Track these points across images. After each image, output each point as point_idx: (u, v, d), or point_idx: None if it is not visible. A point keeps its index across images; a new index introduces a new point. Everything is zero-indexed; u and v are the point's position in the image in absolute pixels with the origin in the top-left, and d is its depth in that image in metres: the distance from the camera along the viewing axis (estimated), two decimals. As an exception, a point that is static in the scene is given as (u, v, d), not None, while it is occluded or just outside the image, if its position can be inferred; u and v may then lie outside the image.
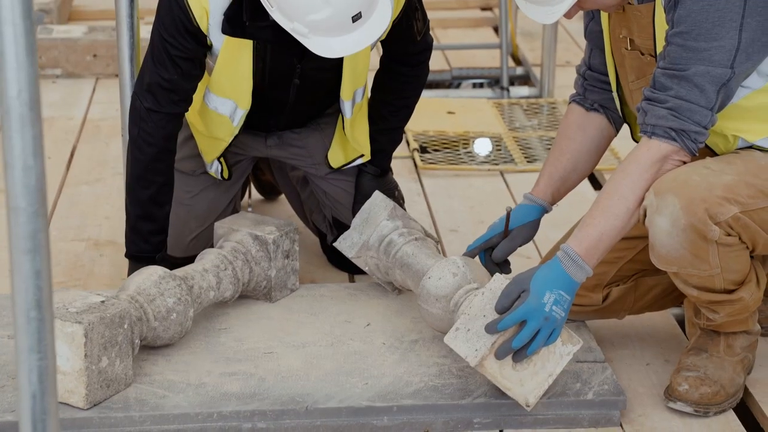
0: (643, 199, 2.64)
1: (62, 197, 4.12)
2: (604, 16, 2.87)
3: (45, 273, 1.72)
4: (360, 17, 2.86)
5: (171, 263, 3.09)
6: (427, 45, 3.33)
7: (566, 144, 3.03)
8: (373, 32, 2.91)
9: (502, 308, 2.67)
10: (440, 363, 2.89)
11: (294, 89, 3.21)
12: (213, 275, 3.02)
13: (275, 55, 3.11)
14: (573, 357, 2.75)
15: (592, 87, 3.03)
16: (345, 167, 3.43)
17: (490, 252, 3.01)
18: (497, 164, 4.47)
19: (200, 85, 3.14)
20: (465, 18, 6.72)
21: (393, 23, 3.10)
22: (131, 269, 3.15)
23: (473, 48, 6.03)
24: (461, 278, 2.88)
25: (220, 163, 3.37)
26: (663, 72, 2.62)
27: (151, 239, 3.13)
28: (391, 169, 3.55)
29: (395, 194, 3.50)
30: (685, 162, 2.66)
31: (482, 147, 4.68)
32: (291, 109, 3.31)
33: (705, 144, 2.69)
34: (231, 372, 2.85)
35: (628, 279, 3.02)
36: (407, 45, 3.28)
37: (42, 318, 1.75)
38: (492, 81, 5.72)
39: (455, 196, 4.17)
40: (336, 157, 3.41)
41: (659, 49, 2.69)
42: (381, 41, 3.23)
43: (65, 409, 2.68)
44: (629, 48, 2.81)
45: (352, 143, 3.37)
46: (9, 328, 3.03)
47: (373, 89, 3.41)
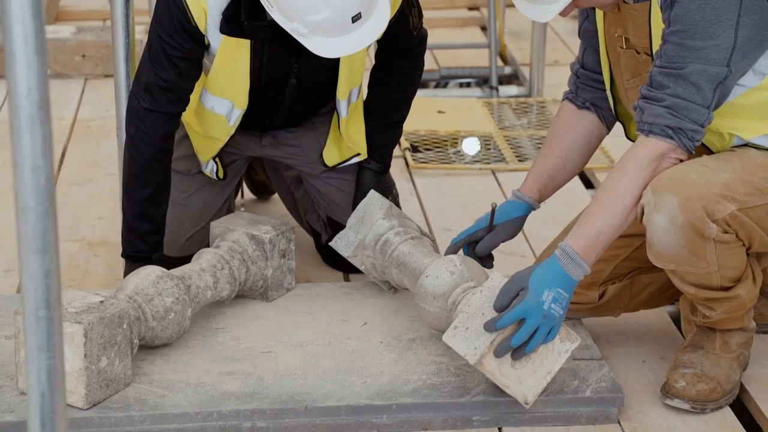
0: (641, 197, 2.65)
1: (54, 198, 4.11)
2: (599, 15, 2.88)
3: (54, 272, 1.72)
4: (359, 18, 2.87)
5: (167, 263, 3.09)
6: (422, 38, 3.35)
7: (556, 142, 3.05)
8: (373, 32, 2.92)
9: (501, 306, 2.68)
10: (438, 361, 2.90)
11: (290, 88, 3.22)
12: (210, 275, 3.03)
13: (273, 55, 3.11)
14: (571, 354, 2.76)
15: (584, 85, 3.04)
16: (340, 166, 3.43)
17: (474, 246, 3.02)
18: (489, 163, 4.48)
19: (197, 85, 3.14)
20: (452, 18, 6.73)
21: (390, 21, 3.11)
22: (127, 269, 3.15)
23: (462, 47, 6.05)
24: (458, 277, 2.89)
25: (216, 163, 3.37)
26: (660, 70, 2.64)
27: (148, 239, 3.13)
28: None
29: (393, 192, 3.51)
30: (682, 160, 2.68)
31: (470, 146, 4.69)
32: (287, 109, 3.31)
33: (701, 142, 2.71)
34: (230, 371, 2.85)
35: (624, 277, 3.04)
36: (404, 40, 3.29)
37: (51, 317, 1.75)
38: (480, 80, 5.73)
39: (447, 195, 4.18)
40: (331, 156, 3.41)
41: (655, 48, 2.71)
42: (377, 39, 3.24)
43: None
44: (624, 47, 2.82)
45: (348, 142, 3.38)
46: (7, 329, 3.02)
47: (370, 85, 3.42)
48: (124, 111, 3.17)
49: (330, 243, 3.26)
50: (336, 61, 3.15)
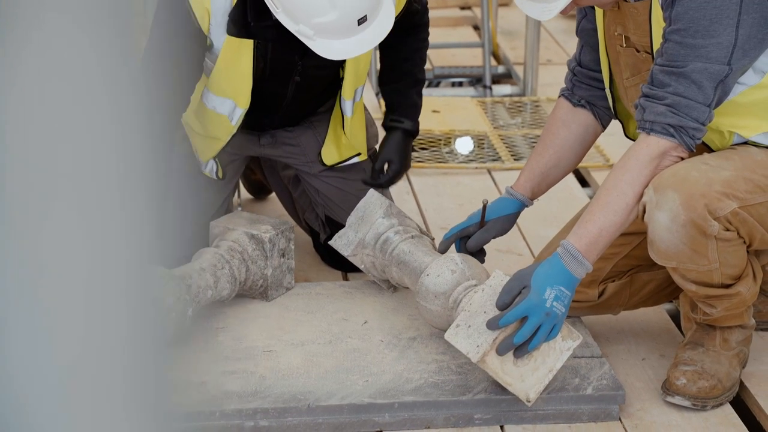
0: (642, 195, 2.66)
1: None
2: (599, 13, 2.89)
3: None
4: (365, 20, 2.88)
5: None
6: (424, 7, 3.36)
7: (550, 139, 3.06)
8: (378, 34, 2.92)
9: (503, 304, 2.69)
10: (439, 360, 2.91)
11: (293, 87, 3.22)
12: (210, 274, 3.03)
13: (276, 53, 3.12)
14: (572, 352, 2.77)
15: (581, 83, 3.05)
16: (339, 165, 3.44)
17: (465, 241, 3.04)
18: (484, 162, 4.49)
19: (197, 86, 3.14)
20: (444, 17, 6.74)
21: (397, 18, 3.12)
22: (128, 268, 3.14)
23: (455, 47, 6.05)
24: (459, 275, 2.90)
25: (216, 163, 3.37)
26: (661, 69, 2.65)
27: (150, 239, 3.13)
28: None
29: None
30: (683, 158, 2.69)
31: (464, 146, 4.70)
32: (287, 107, 3.31)
33: (701, 140, 2.72)
34: (231, 371, 2.85)
35: (624, 275, 3.05)
36: (411, 19, 3.32)
37: (61, 317, 1.75)
38: (473, 80, 5.74)
39: (444, 194, 4.19)
40: (330, 155, 3.42)
41: (655, 46, 2.72)
42: None
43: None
44: (624, 45, 2.83)
45: (352, 141, 3.39)
46: (6, 329, 3.02)
47: (384, 58, 3.43)
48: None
49: (329, 242, 3.27)
50: (341, 60, 3.16)
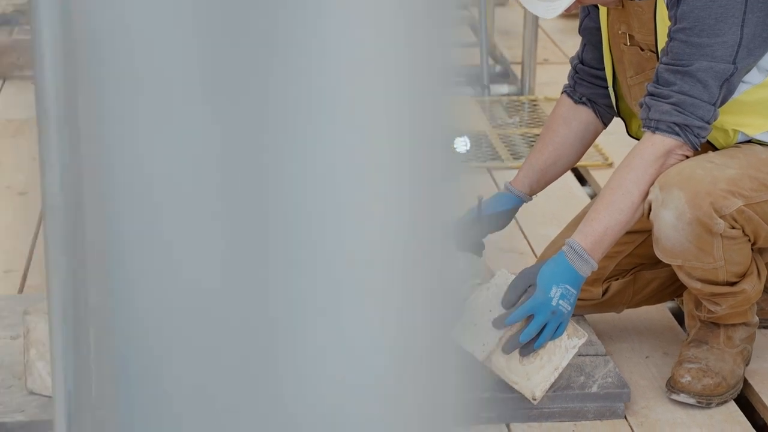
0: (648, 194, 2.68)
1: (51, 198, 4.11)
2: (603, 12, 2.90)
3: (80, 272, 1.73)
4: None
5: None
6: None
7: (550, 136, 3.07)
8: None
9: (509, 303, 2.70)
10: (444, 358, 2.92)
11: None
12: (215, 274, 3.03)
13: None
14: (578, 350, 2.78)
15: (582, 81, 3.07)
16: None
17: (462, 236, 3.05)
18: (484, 161, 4.50)
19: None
20: (440, 16, 6.74)
21: None
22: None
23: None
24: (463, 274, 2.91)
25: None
26: (666, 68, 2.66)
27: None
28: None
29: None
30: (688, 156, 2.71)
31: (460, 144, 4.70)
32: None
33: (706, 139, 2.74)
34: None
35: (627, 273, 3.06)
36: None
37: (78, 317, 1.76)
38: (470, 79, 5.75)
39: (444, 194, 4.19)
40: None
41: (660, 45, 2.73)
42: None
43: (75, 409, 2.68)
44: (628, 44, 2.84)
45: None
46: (11, 329, 3.02)
47: None
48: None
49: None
50: None
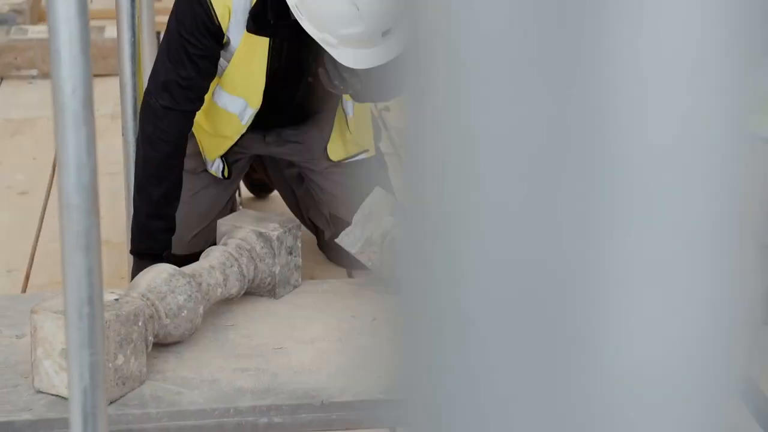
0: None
1: (51, 198, 4.12)
2: None
3: (97, 269, 1.74)
4: (390, 32, 2.93)
5: (173, 261, 3.10)
6: None
7: None
8: (400, 44, 2.95)
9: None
10: (449, 356, 2.93)
11: (304, 87, 3.24)
12: (220, 272, 3.04)
13: (291, 53, 3.14)
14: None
15: None
16: (345, 161, 3.46)
17: None
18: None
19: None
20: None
21: None
22: (136, 267, 3.15)
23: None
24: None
25: (222, 162, 3.38)
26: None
27: (160, 237, 3.14)
28: (387, 166, 3.59)
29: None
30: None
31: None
32: (295, 106, 3.33)
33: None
34: (243, 368, 2.86)
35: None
36: None
37: (93, 314, 1.77)
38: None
39: (444, 192, 4.20)
40: (336, 151, 3.44)
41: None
42: None
43: (82, 407, 2.69)
44: None
45: (357, 138, 3.41)
46: (16, 329, 3.03)
47: None
48: (130, 110, 3.18)
49: (336, 240, 3.28)
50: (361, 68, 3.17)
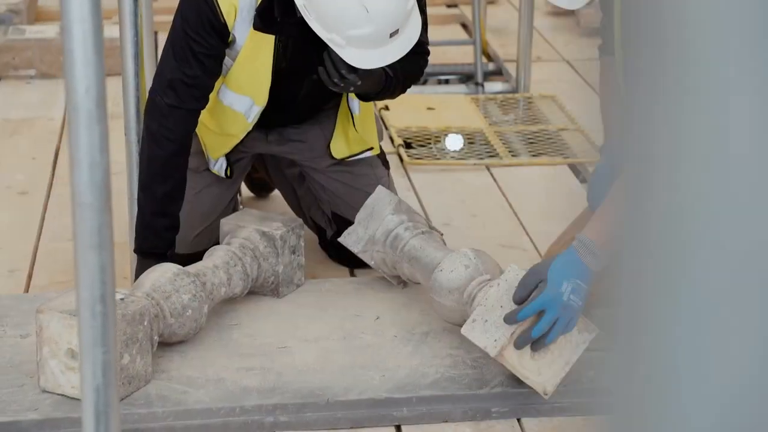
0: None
1: (52, 198, 4.11)
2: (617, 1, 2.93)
3: (109, 268, 1.74)
4: (397, 33, 2.94)
5: (176, 260, 3.10)
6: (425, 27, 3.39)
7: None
8: (406, 45, 3.00)
9: (521, 299, 2.71)
10: (453, 354, 2.93)
11: (309, 85, 3.24)
12: (224, 271, 3.04)
13: (296, 51, 3.14)
14: (587, 345, 2.79)
15: None
16: (350, 159, 3.46)
17: None
18: (482, 159, 4.51)
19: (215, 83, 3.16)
20: (432, 15, 6.72)
21: None
22: (140, 265, 3.15)
23: (445, 44, 6.07)
24: (473, 270, 2.92)
25: (225, 161, 3.38)
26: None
27: (165, 235, 3.14)
28: (389, 165, 3.59)
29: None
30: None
31: (454, 143, 4.71)
32: (299, 105, 3.33)
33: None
34: (248, 367, 2.87)
35: (634, 268, 3.08)
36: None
37: (106, 312, 1.77)
38: (462, 77, 5.76)
39: (445, 191, 4.21)
40: (339, 149, 3.44)
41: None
42: None
43: (88, 407, 2.69)
44: None
45: (363, 136, 3.41)
46: (20, 328, 3.03)
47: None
48: (133, 109, 3.18)
49: (339, 239, 3.28)
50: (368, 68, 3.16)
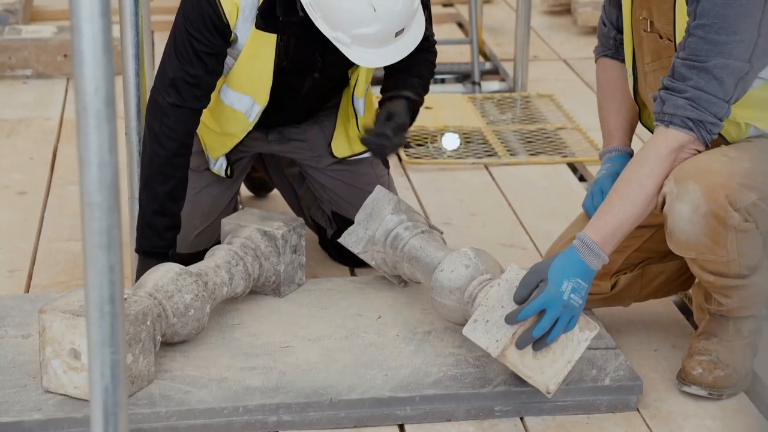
0: (662, 187, 2.70)
1: (51, 198, 4.11)
2: None
3: (118, 268, 1.74)
4: (402, 32, 2.95)
5: (177, 259, 3.10)
6: (432, 40, 3.39)
7: (615, 94, 3.12)
8: (411, 44, 3.00)
9: (521, 298, 2.71)
10: (456, 353, 2.93)
11: (310, 84, 3.24)
12: (225, 271, 3.04)
13: (298, 50, 3.14)
14: (589, 343, 2.79)
15: (622, 45, 3.10)
16: (351, 158, 3.46)
17: None
18: (481, 158, 4.51)
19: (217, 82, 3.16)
20: (428, 14, 6.75)
21: None
22: (141, 265, 3.15)
23: (442, 44, 6.05)
24: (474, 270, 2.92)
25: (226, 161, 3.38)
26: (683, 62, 2.69)
27: (166, 234, 3.14)
28: (389, 164, 3.59)
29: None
30: (700, 151, 2.73)
31: (450, 142, 4.71)
32: (300, 104, 3.33)
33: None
34: (251, 366, 2.86)
35: (635, 267, 3.08)
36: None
37: (115, 312, 1.77)
38: (459, 76, 5.76)
39: (444, 190, 4.21)
40: (340, 148, 3.44)
41: (678, 35, 2.75)
42: None
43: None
44: (648, 30, 2.87)
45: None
46: (22, 328, 3.02)
47: (389, 80, 3.37)
48: (133, 109, 3.18)
49: (339, 239, 3.28)
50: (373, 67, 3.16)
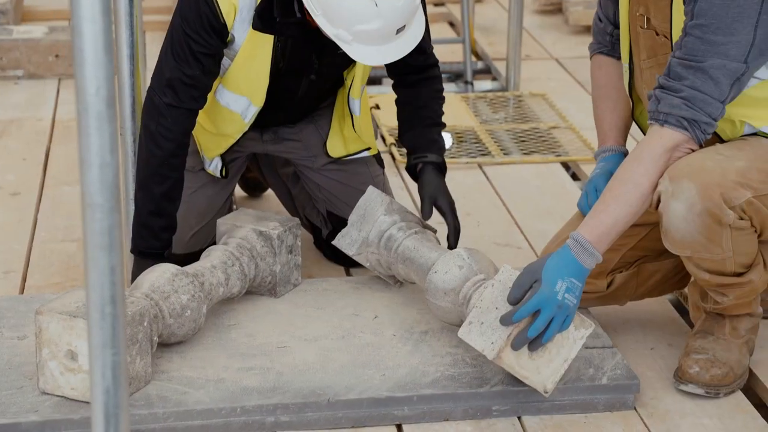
0: (657, 186, 2.70)
1: (44, 199, 4.10)
2: None
3: (119, 269, 1.73)
4: (403, 29, 2.93)
5: (173, 260, 3.10)
6: (431, 52, 3.39)
7: (611, 92, 3.12)
8: (411, 42, 2.99)
9: (515, 299, 2.71)
10: (453, 353, 2.93)
11: (306, 85, 3.24)
12: (221, 271, 3.04)
13: (294, 51, 3.13)
14: (585, 341, 2.79)
15: (618, 42, 3.10)
16: (347, 158, 3.46)
17: None
18: (474, 157, 4.51)
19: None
20: (419, 14, 6.74)
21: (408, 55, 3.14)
22: (137, 265, 3.14)
23: (435, 43, 6.05)
24: (467, 270, 2.92)
25: (221, 161, 3.38)
26: (679, 62, 2.69)
27: (162, 235, 3.13)
28: (383, 163, 3.59)
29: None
30: (694, 150, 2.73)
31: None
32: (296, 105, 3.33)
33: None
34: (248, 367, 2.86)
35: (630, 265, 3.09)
36: (419, 67, 3.32)
37: (116, 314, 1.76)
38: (451, 75, 5.76)
39: (438, 190, 4.20)
40: (335, 148, 3.44)
41: (674, 33, 2.76)
42: None
43: (89, 408, 2.67)
44: (645, 27, 2.88)
45: (362, 137, 3.41)
46: (17, 330, 3.02)
47: (400, 111, 3.40)
48: (128, 109, 3.17)
49: (333, 242, 3.28)
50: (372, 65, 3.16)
